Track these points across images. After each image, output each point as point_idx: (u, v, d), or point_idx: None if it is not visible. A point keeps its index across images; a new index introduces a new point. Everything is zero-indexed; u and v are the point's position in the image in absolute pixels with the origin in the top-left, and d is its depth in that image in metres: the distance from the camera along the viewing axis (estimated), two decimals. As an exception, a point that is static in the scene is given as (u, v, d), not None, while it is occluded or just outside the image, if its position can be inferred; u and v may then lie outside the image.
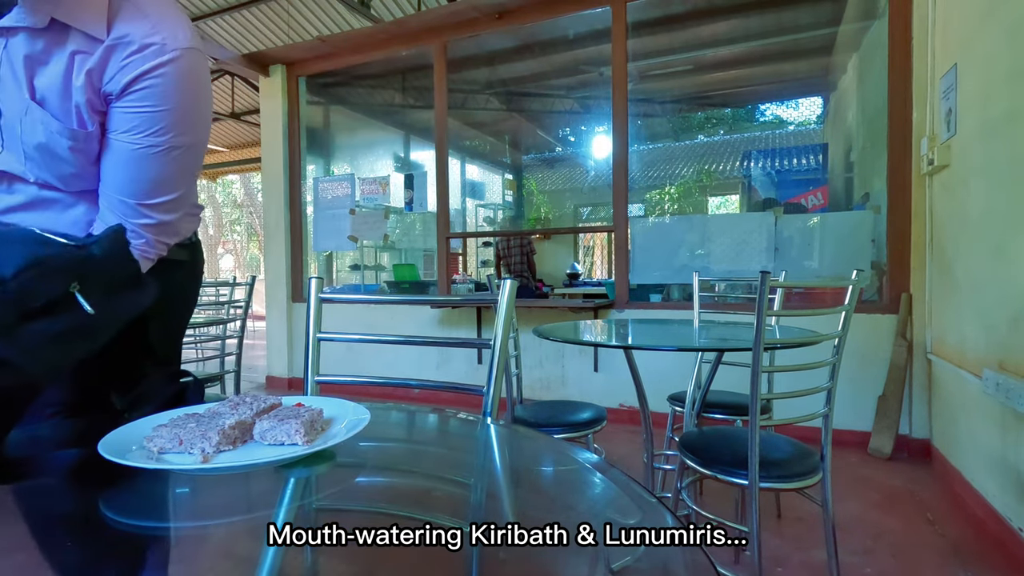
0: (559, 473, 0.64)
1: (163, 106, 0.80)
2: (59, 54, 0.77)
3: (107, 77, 0.78)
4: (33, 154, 0.80)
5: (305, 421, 0.58)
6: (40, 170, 0.82)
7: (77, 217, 0.87)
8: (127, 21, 0.77)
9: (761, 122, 9.25)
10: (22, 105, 0.78)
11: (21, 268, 0.59)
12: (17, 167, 0.82)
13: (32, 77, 0.77)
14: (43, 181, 0.83)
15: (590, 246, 10.65)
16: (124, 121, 0.80)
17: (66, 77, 0.77)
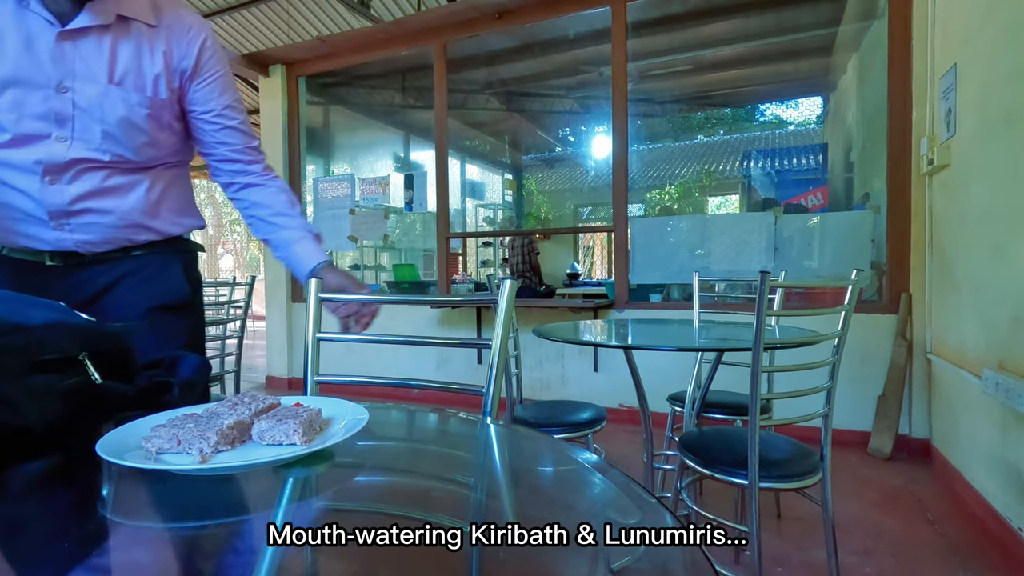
0: (559, 473, 0.63)
1: (223, 68, 1.03)
2: (127, 42, 0.91)
3: (180, 54, 0.96)
4: (113, 130, 0.92)
5: (303, 421, 0.58)
6: (116, 145, 0.93)
7: (137, 200, 0.98)
8: (166, 8, 0.96)
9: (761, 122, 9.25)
10: (101, 90, 0.90)
11: (47, 323, 0.67)
12: (89, 152, 0.91)
13: (110, 65, 0.90)
14: (118, 157, 0.93)
15: (590, 246, 10.65)
16: (212, 90, 1.01)
17: (138, 59, 0.92)
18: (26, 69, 0.86)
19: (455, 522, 0.50)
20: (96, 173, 0.92)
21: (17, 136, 0.88)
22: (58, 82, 0.87)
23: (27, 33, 0.85)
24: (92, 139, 0.90)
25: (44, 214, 0.91)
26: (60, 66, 0.87)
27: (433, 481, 0.61)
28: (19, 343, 0.64)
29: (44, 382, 0.64)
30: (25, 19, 0.85)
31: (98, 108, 0.89)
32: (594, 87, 6.04)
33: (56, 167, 0.89)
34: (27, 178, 0.90)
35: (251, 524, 0.49)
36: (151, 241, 1.02)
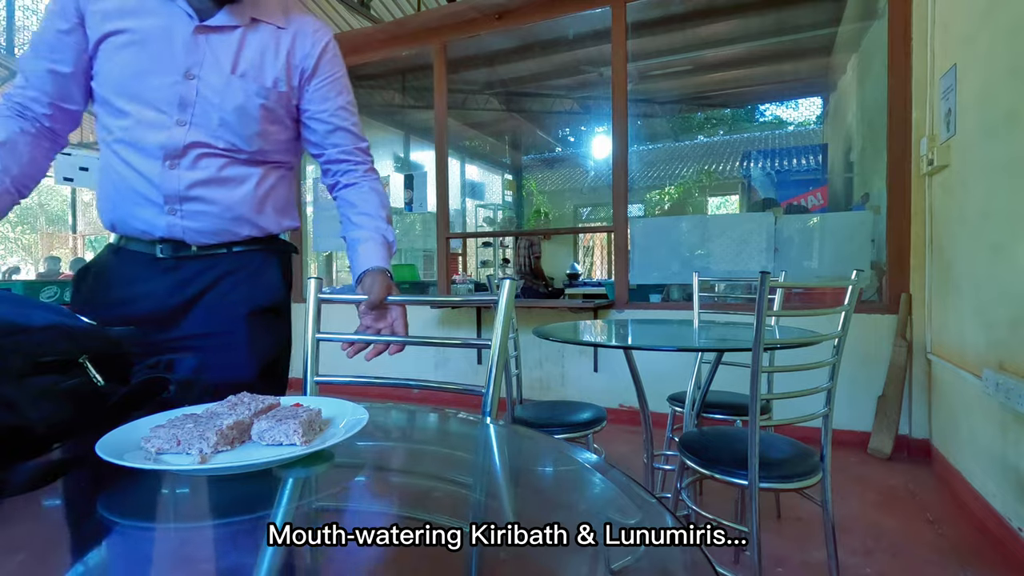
0: (559, 473, 0.63)
1: (341, 70, 1.10)
2: (255, 40, 0.99)
3: (302, 54, 1.03)
4: (229, 117, 0.96)
5: (303, 421, 0.58)
6: (229, 133, 0.97)
7: (245, 194, 1.01)
8: (295, 13, 1.05)
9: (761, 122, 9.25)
10: (224, 80, 0.96)
11: (48, 325, 0.68)
12: (204, 137, 0.96)
13: (235, 58, 0.96)
14: (230, 145, 0.98)
15: (590, 246, 10.65)
16: (329, 90, 1.07)
17: (262, 56, 0.99)
18: (162, 55, 0.92)
19: (455, 522, 0.50)
20: (211, 160, 0.97)
21: (142, 119, 0.93)
22: (187, 69, 0.93)
23: (168, 23, 0.92)
24: (209, 125, 0.95)
25: (160, 198, 0.95)
26: (191, 56, 0.93)
27: (433, 481, 0.61)
28: (20, 344, 0.64)
29: (45, 383, 0.64)
30: (169, 10, 0.93)
31: (218, 96, 0.95)
32: (594, 87, 6.05)
33: (175, 151, 0.94)
34: (149, 162, 0.94)
35: (251, 524, 0.49)
36: (253, 237, 1.05)
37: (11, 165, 0.94)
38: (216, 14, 0.95)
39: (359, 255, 1.07)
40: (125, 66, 0.93)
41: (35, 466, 0.58)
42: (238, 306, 1.02)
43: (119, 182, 0.97)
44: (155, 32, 0.92)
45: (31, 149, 0.97)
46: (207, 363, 0.96)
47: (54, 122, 0.99)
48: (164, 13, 0.93)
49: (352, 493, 0.57)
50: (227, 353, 1.00)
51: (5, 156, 0.94)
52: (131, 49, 0.92)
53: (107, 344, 0.74)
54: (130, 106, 0.94)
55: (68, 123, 1.02)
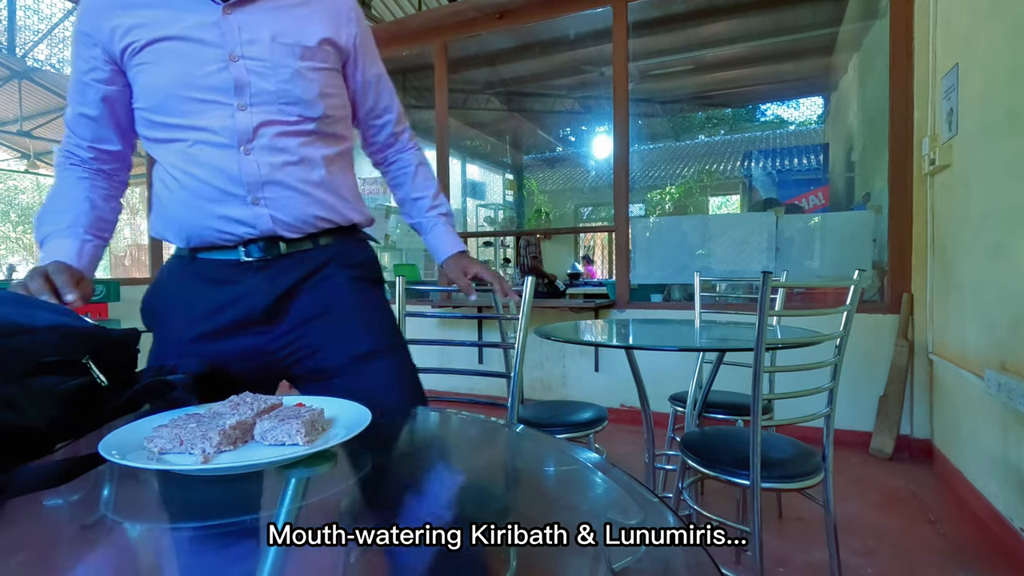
0: (560, 473, 0.63)
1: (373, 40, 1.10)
2: (285, 6, 0.95)
3: (337, 21, 1.00)
4: (285, 85, 0.93)
5: (306, 421, 0.58)
6: (291, 103, 0.94)
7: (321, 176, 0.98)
8: None
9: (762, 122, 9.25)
10: (267, 50, 0.92)
11: (50, 325, 0.67)
12: (271, 114, 0.93)
13: (272, 25, 0.93)
14: (297, 116, 0.95)
15: (591, 246, 10.65)
16: (370, 59, 1.08)
17: (298, 19, 0.95)
18: (200, 49, 0.89)
19: (455, 522, 0.50)
20: (284, 140, 0.94)
21: (204, 114, 0.90)
22: (229, 52, 0.90)
23: (195, 15, 0.89)
24: (270, 100, 0.92)
25: (242, 188, 0.91)
26: (229, 38, 0.90)
27: (434, 481, 0.61)
28: (23, 345, 0.64)
29: (47, 384, 0.64)
30: (191, 3, 0.89)
31: (268, 67, 0.91)
32: (595, 87, 6.04)
33: (246, 135, 0.91)
34: (223, 153, 0.91)
35: (253, 524, 0.49)
36: (337, 226, 1.02)
37: (80, 215, 0.95)
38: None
39: (432, 245, 1.21)
40: (167, 73, 0.90)
41: (40, 467, 0.58)
42: (339, 278, 1.01)
43: (193, 187, 0.92)
44: (191, 28, 0.89)
45: (90, 193, 0.98)
46: (323, 347, 0.97)
47: (101, 163, 0.99)
48: (187, 8, 0.89)
49: (353, 493, 0.57)
50: (342, 326, 0.99)
51: (72, 207, 0.95)
52: (168, 55, 0.89)
53: (109, 344, 0.74)
54: (187, 106, 0.90)
55: (114, 162, 1.02)
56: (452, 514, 0.52)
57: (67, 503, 0.56)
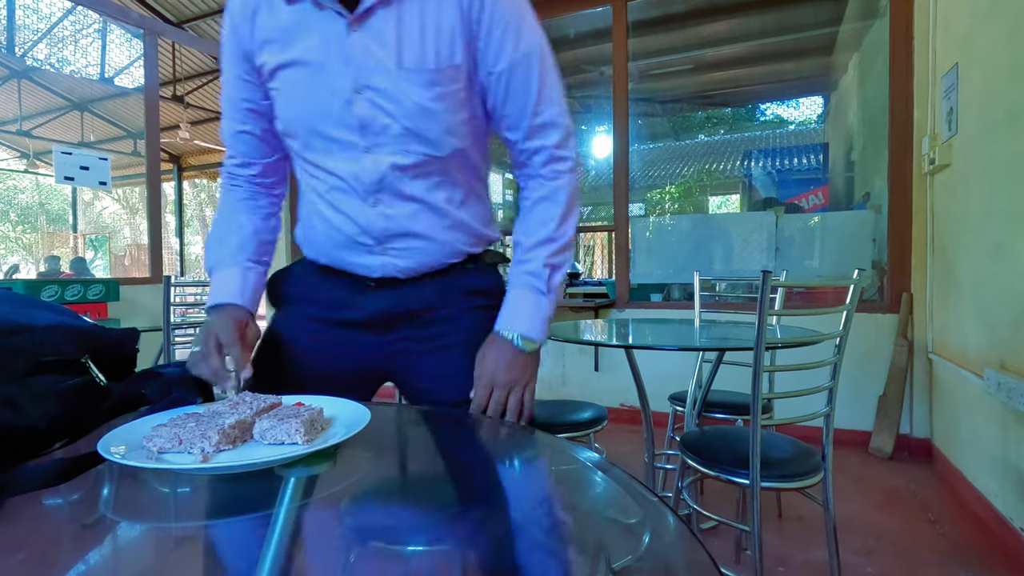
0: (560, 472, 0.63)
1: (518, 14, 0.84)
2: (413, 9, 0.80)
3: (461, 8, 0.80)
4: (410, 124, 0.82)
5: (305, 420, 0.58)
6: (417, 142, 0.84)
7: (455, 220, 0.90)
8: None
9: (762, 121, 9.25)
10: (392, 80, 0.80)
11: (50, 324, 0.67)
12: (396, 156, 0.84)
13: (397, 46, 0.80)
14: (423, 158, 0.85)
15: (590, 245, 10.65)
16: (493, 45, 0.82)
17: (423, 28, 0.80)
18: (328, 75, 0.81)
19: (455, 521, 0.50)
20: (411, 184, 0.86)
21: (331, 155, 0.86)
22: (354, 82, 0.80)
23: (324, 33, 0.80)
24: (394, 140, 0.83)
25: (370, 239, 0.88)
26: (354, 63, 0.80)
27: (433, 480, 0.61)
28: (23, 344, 0.64)
29: (47, 383, 0.64)
30: (323, 17, 0.79)
31: (392, 102, 0.81)
32: (595, 86, 6.04)
33: (372, 185, 0.85)
34: (351, 202, 0.87)
35: (252, 524, 0.49)
36: (469, 255, 0.95)
37: (244, 241, 0.95)
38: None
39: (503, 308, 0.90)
40: (299, 102, 0.84)
41: (40, 466, 0.58)
42: (458, 307, 0.94)
43: (327, 231, 0.91)
44: (316, 50, 0.81)
45: (252, 215, 0.97)
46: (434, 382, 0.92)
47: (261, 179, 0.98)
48: (319, 23, 0.80)
49: (353, 492, 0.57)
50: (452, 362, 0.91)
51: (236, 232, 0.95)
52: (295, 84, 0.84)
53: (108, 344, 0.74)
54: (317, 142, 0.85)
55: (273, 175, 0.99)
56: (451, 513, 0.52)
57: (67, 502, 0.56)
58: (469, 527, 0.49)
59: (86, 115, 8.50)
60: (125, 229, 17.83)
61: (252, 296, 0.93)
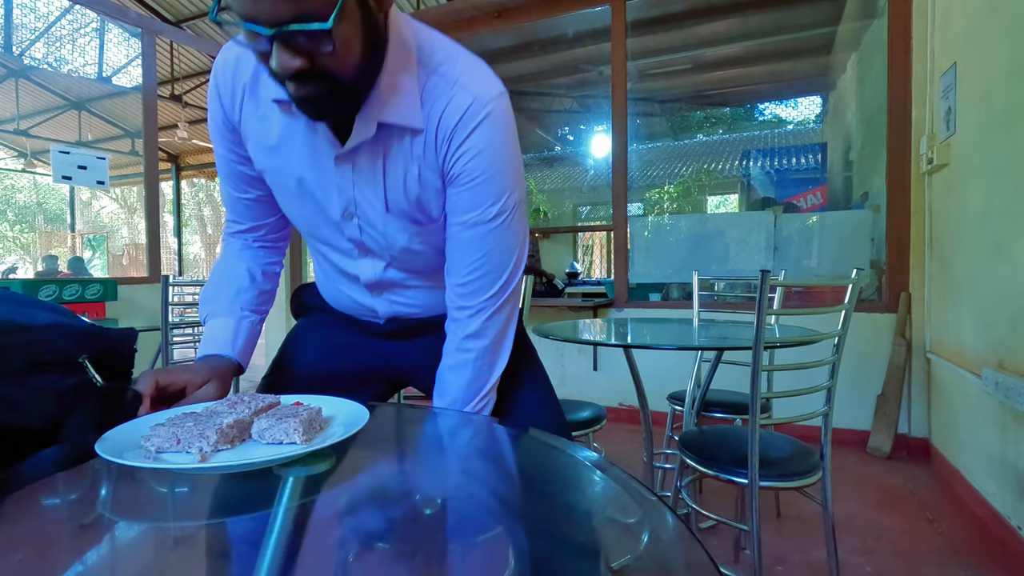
0: (559, 471, 0.63)
1: (492, 169, 0.77)
2: (398, 157, 0.77)
3: (438, 161, 0.78)
4: (399, 255, 0.86)
5: (304, 420, 0.58)
6: (408, 265, 0.89)
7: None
8: (440, 97, 0.75)
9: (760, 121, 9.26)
10: (381, 219, 0.82)
11: (49, 324, 0.67)
12: (388, 272, 0.89)
13: (383, 192, 0.80)
14: (418, 269, 0.90)
15: (589, 245, 10.65)
16: (461, 201, 0.79)
17: (405, 177, 0.79)
18: (320, 197, 0.82)
19: (455, 520, 0.50)
20: (411, 278, 0.91)
21: (331, 251, 0.90)
22: (344, 209, 0.81)
23: (314, 154, 0.78)
24: (387, 256, 0.87)
25: (378, 317, 0.95)
26: (344, 193, 0.80)
27: (433, 479, 0.61)
28: (22, 343, 0.64)
29: (45, 383, 0.64)
30: (313, 138, 0.77)
31: (383, 237, 0.83)
32: (593, 86, 6.04)
33: (373, 281, 0.90)
34: (355, 287, 0.93)
35: (251, 523, 0.49)
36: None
37: (240, 291, 0.94)
38: (352, 134, 0.75)
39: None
40: (291, 207, 0.86)
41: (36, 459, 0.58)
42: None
43: (335, 291, 0.97)
44: (307, 168, 0.80)
45: (251, 265, 0.96)
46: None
47: (264, 238, 0.98)
48: (308, 141, 0.78)
49: (352, 492, 0.57)
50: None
51: (232, 282, 0.95)
52: (291, 191, 0.84)
53: (107, 343, 0.74)
54: (313, 240, 0.90)
55: (277, 231, 0.99)
56: (450, 512, 0.52)
57: (65, 502, 0.55)
58: (467, 527, 0.49)
59: (84, 114, 8.49)
60: (123, 228, 17.80)
61: (244, 346, 0.91)
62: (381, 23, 0.68)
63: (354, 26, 0.62)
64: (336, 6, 0.57)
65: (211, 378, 0.78)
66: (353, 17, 0.61)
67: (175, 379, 0.74)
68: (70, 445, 0.60)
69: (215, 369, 0.81)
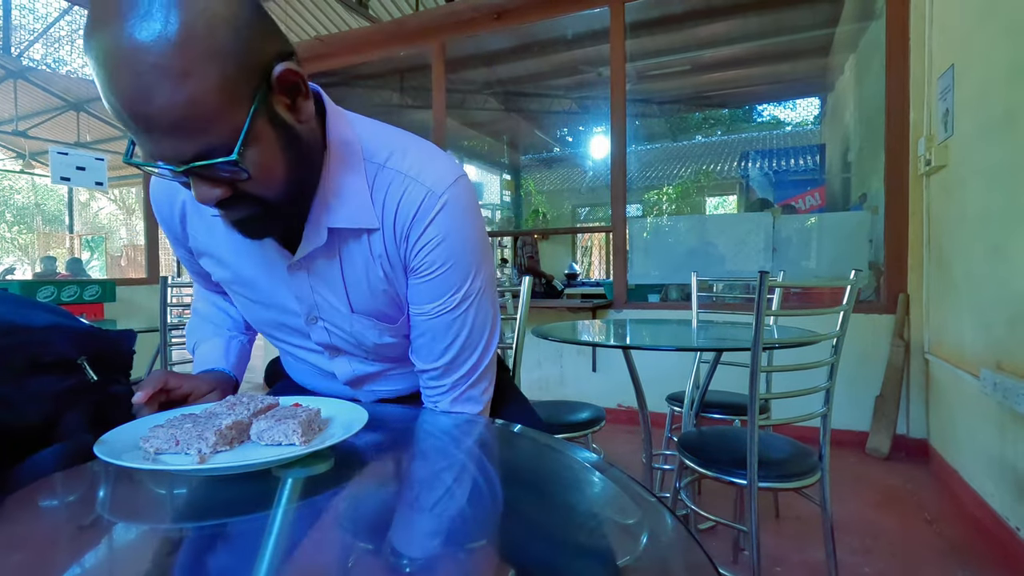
0: (558, 473, 0.63)
1: (452, 258, 0.75)
2: (356, 257, 0.75)
3: (399, 256, 0.75)
4: (371, 350, 0.84)
5: (302, 421, 0.58)
6: (380, 358, 0.87)
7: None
8: (392, 193, 0.72)
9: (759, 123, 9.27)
10: (347, 321, 0.79)
11: (48, 325, 0.67)
12: (358, 364, 0.87)
13: (345, 294, 0.77)
14: (389, 362, 0.88)
15: (588, 246, 10.65)
16: (423, 293, 0.77)
17: (368, 277, 0.76)
18: (279, 302, 0.80)
19: (454, 522, 0.50)
20: (389, 372, 0.90)
21: (299, 349, 0.87)
22: (307, 315, 0.80)
23: (265, 263, 0.76)
24: (359, 354, 0.85)
25: (340, 382, 0.89)
26: (304, 301, 0.78)
27: (432, 480, 0.61)
28: (21, 344, 0.64)
29: (44, 383, 0.64)
30: (266, 251, 0.75)
31: (351, 337, 0.81)
32: (592, 87, 6.04)
33: (344, 375, 0.88)
34: (329, 382, 0.91)
35: (250, 525, 0.49)
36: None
37: (224, 319, 0.94)
38: (302, 242, 0.72)
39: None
40: (256, 314, 0.84)
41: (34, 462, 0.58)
42: None
43: (312, 384, 0.94)
44: (262, 278, 0.78)
45: (228, 310, 0.96)
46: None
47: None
48: (256, 250, 0.75)
49: (351, 493, 0.57)
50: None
51: (214, 316, 0.94)
52: (250, 299, 0.82)
53: (105, 344, 0.74)
54: (284, 345, 0.87)
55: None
56: (450, 515, 0.52)
57: (63, 503, 0.55)
58: (466, 528, 0.49)
59: (82, 115, 8.48)
60: (121, 230, 17.77)
61: (236, 362, 0.90)
62: (306, 133, 0.65)
63: (269, 147, 0.59)
64: (239, 137, 0.55)
65: (215, 388, 0.79)
66: (265, 139, 0.59)
67: (183, 383, 0.74)
68: (69, 444, 0.60)
69: (218, 381, 0.81)
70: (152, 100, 0.50)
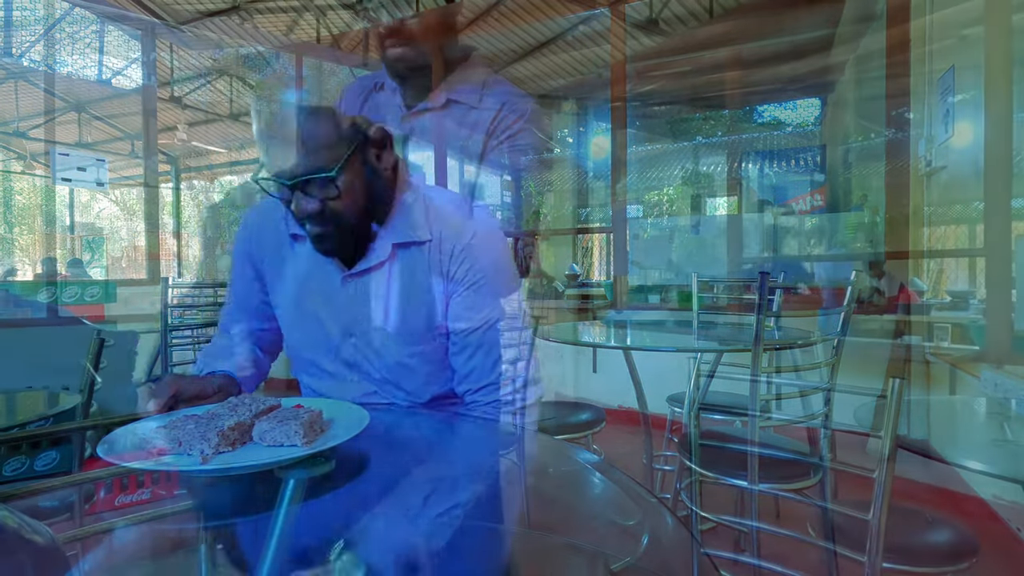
0: (559, 473, 0.63)
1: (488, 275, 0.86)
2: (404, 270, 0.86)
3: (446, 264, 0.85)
4: (389, 375, 0.89)
5: (304, 422, 0.58)
6: (395, 390, 0.90)
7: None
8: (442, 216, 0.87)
9: (759, 124, 9.26)
10: (380, 337, 0.87)
11: None
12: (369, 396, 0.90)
13: (385, 308, 0.87)
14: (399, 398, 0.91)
15: (588, 247, 10.64)
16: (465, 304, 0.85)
17: (410, 290, 0.86)
18: (321, 320, 0.89)
19: (455, 522, 0.50)
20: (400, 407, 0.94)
21: (326, 380, 0.93)
22: (344, 327, 0.88)
23: (321, 281, 0.88)
24: (372, 381, 0.90)
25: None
26: (347, 311, 0.87)
27: (433, 481, 0.61)
28: None
29: None
30: (323, 265, 0.87)
31: (376, 356, 0.88)
32: (593, 88, 6.05)
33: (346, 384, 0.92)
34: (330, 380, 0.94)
35: (251, 525, 0.49)
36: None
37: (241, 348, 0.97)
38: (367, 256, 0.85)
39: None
40: (292, 336, 0.94)
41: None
42: None
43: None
44: (314, 296, 0.89)
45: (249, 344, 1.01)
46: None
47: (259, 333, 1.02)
48: (318, 269, 0.87)
49: (352, 493, 0.57)
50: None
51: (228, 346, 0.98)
52: (292, 321, 0.92)
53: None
54: (312, 369, 0.93)
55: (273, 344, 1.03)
56: (452, 514, 0.52)
57: (64, 504, 0.55)
58: (467, 528, 0.49)
59: (83, 116, 8.48)
60: (122, 231, 17.77)
61: (244, 359, 0.96)
62: (385, 175, 0.84)
63: (357, 176, 0.80)
64: (339, 164, 0.76)
65: (220, 389, 0.83)
66: (356, 170, 0.79)
67: (191, 389, 0.78)
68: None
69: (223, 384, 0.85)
70: (294, 132, 0.74)
